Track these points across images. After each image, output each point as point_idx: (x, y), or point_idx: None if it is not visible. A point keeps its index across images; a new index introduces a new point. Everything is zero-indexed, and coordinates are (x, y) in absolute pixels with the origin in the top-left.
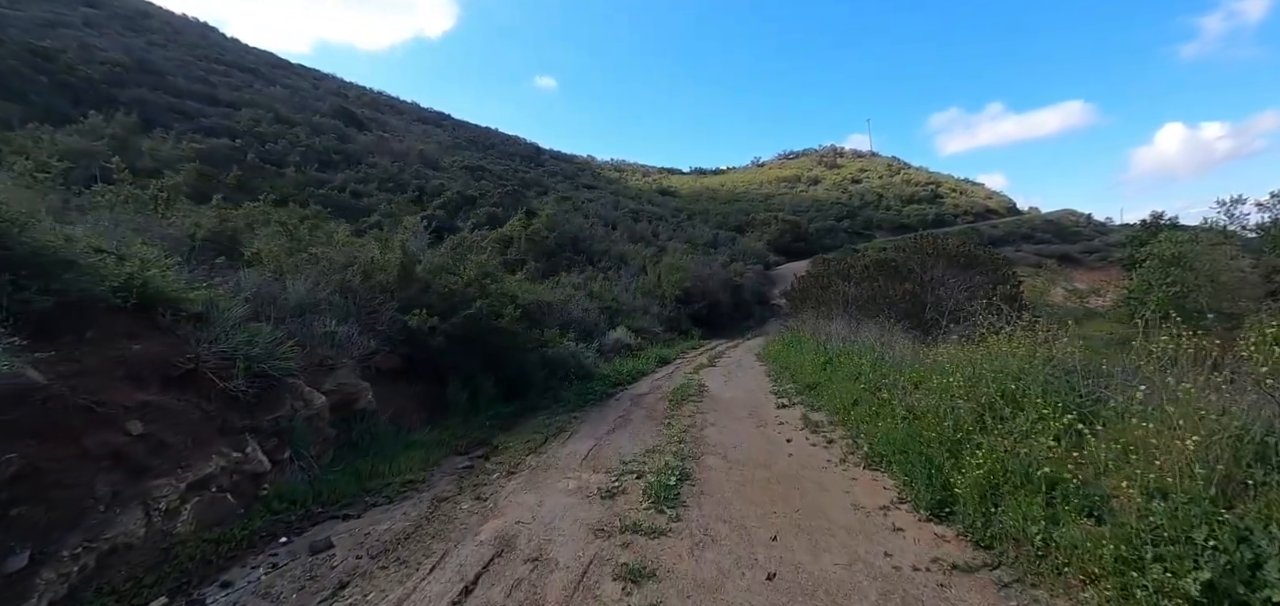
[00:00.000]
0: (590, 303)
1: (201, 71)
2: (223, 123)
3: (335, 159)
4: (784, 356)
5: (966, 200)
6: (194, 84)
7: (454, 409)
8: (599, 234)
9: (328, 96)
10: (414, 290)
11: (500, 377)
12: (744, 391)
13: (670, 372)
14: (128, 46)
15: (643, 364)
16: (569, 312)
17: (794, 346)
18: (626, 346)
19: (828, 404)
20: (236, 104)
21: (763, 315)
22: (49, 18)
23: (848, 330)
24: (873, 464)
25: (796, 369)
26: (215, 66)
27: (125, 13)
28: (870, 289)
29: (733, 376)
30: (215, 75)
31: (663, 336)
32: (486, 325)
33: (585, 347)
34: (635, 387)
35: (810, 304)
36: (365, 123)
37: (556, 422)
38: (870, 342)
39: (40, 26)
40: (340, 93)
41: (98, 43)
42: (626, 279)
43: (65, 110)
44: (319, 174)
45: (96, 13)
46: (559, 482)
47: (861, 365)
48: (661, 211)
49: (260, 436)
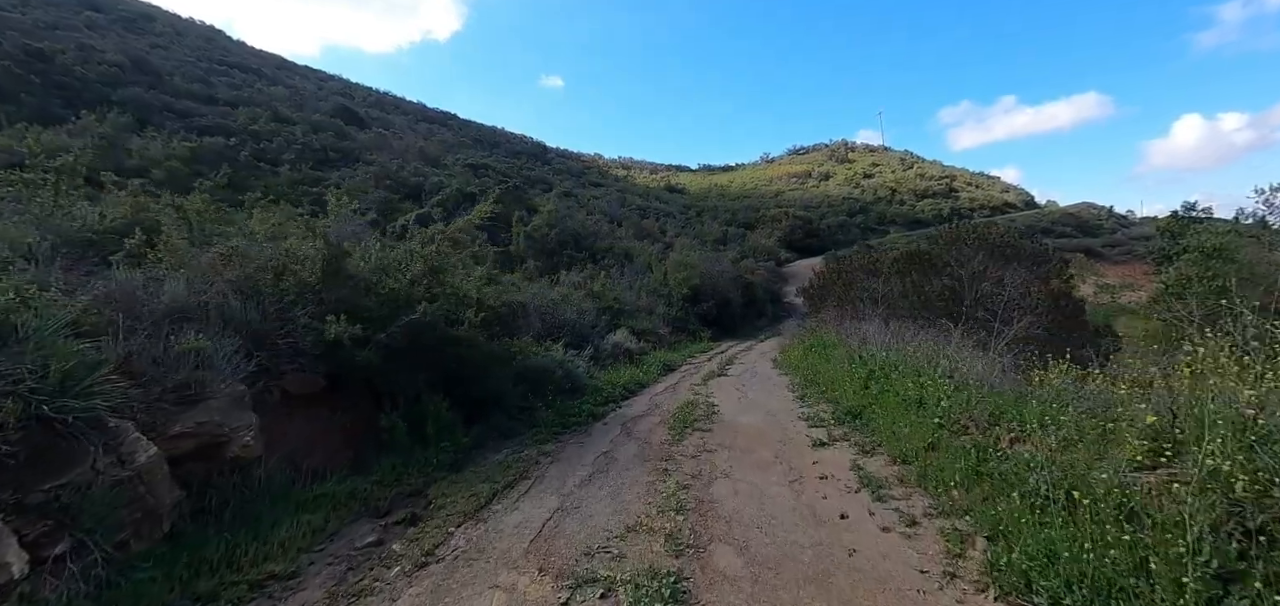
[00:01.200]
0: (590, 303)
1: (201, 71)
2: (219, 122)
3: (333, 157)
4: (808, 364)
5: (983, 194)
6: (191, 83)
7: (392, 443)
8: (603, 231)
9: (331, 96)
10: (346, 291)
11: (461, 398)
12: (764, 414)
13: (674, 384)
14: (129, 48)
15: (644, 372)
16: (560, 314)
17: (818, 352)
18: (627, 351)
19: (887, 443)
20: (234, 103)
21: (776, 314)
22: (51, 21)
23: (885, 333)
24: (1018, 592)
25: (828, 383)
26: (216, 67)
27: (129, 15)
28: (902, 285)
29: (748, 390)
30: (216, 75)
31: (669, 339)
32: (439, 334)
33: (576, 355)
34: (630, 405)
35: (832, 302)
36: (367, 121)
37: (520, 463)
38: (924, 352)
39: (41, 29)
40: (346, 93)
41: (97, 44)
42: (631, 277)
43: (58, 111)
44: (314, 172)
45: (99, 16)
46: (479, 598)
47: (925, 387)
48: (669, 208)
49: (24, 518)
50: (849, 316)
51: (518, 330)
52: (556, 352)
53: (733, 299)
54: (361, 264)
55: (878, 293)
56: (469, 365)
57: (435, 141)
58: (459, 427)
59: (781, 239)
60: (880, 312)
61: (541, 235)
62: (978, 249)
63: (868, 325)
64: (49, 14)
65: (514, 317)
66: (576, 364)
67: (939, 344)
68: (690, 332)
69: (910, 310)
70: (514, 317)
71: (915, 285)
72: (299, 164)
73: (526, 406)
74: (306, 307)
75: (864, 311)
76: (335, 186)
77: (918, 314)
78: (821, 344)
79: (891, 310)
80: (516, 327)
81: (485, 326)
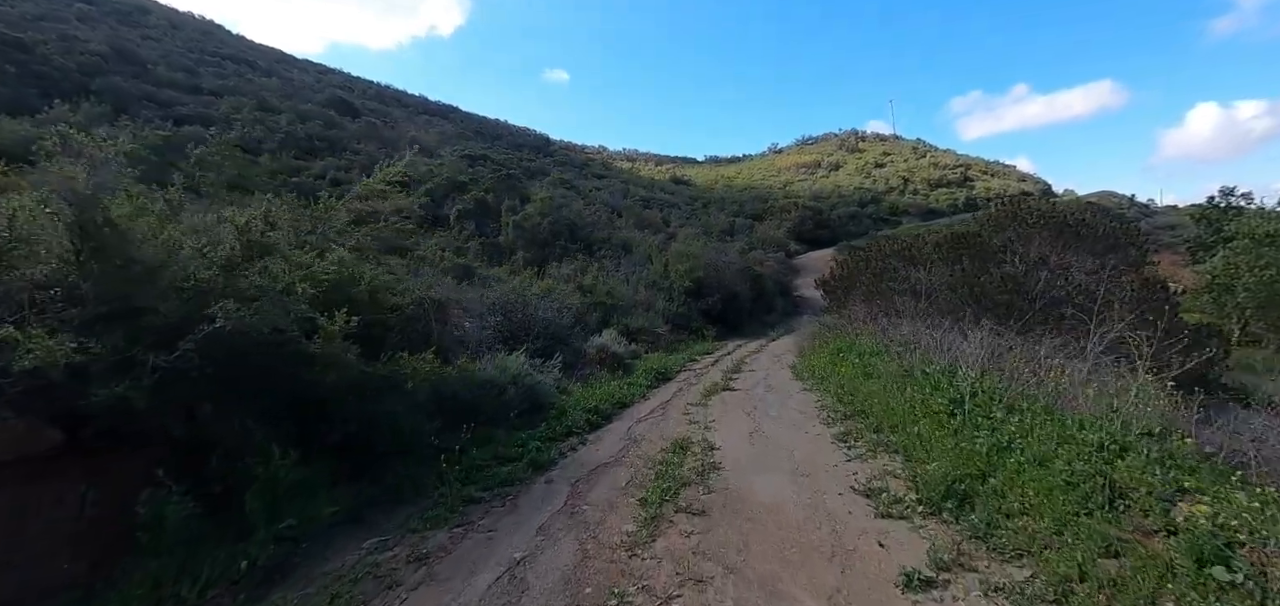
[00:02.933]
0: (579, 298)
1: (191, 62)
2: (201, 111)
3: (319, 146)
4: (840, 377)
5: (999, 183)
6: (176, 73)
7: (161, 541)
8: (601, 220)
9: (328, 88)
10: (115, 284)
11: (333, 445)
12: (792, 475)
13: (665, 403)
14: (116, 39)
15: (630, 385)
16: (531, 314)
17: (850, 360)
18: (615, 356)
19: (1042, 566)
20: (220, 92)
21: (786, 309)
22: (40, 12)
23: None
24: None
25: (881, 412)
26: (208, 58)
27: (123, 9)
28: (949, 275)
29: (764, 417)
30: (206, 65)
31: (667, 338)
32: (281, 351)
33: (543, 365)
34: (597, 443)
35: (859, 295)
36: (361, 111)
37: (367, 580)
38: (1015, 366)
39: (28, 21)
40: (346, 87)
41: (82, 35)
42: (628, 269)
43: (34, 101)
44: (297, 161)
45: (91, 8)
46: None
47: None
48: (674, 199)
49: None
50: (884, 313)
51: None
52: (512, 363)
53: (740, 292)
54: (152, 242)
55: (920, 284)
56: (336, 396)
57: (432, 133)
58: (322, 492)
59: (791, 230)
60: (923, 308)
61: (533, 225)
62: (1041, 229)
63: (907, 324)
64: (39, 6)
65: (427, 320)
66: (539, 377)
67: (1023, 351)
68: (693, 330)
69: (959, 305)
70: (427, 320)
71: (967, 275)
72: (280, 153)
73: (444, 448)
74: (45, 311)
75: (903, 307)
76: (318, 176)
77: (972, 310)
78: (854, 350)
79: (935, 304)
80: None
81: (371, 338)
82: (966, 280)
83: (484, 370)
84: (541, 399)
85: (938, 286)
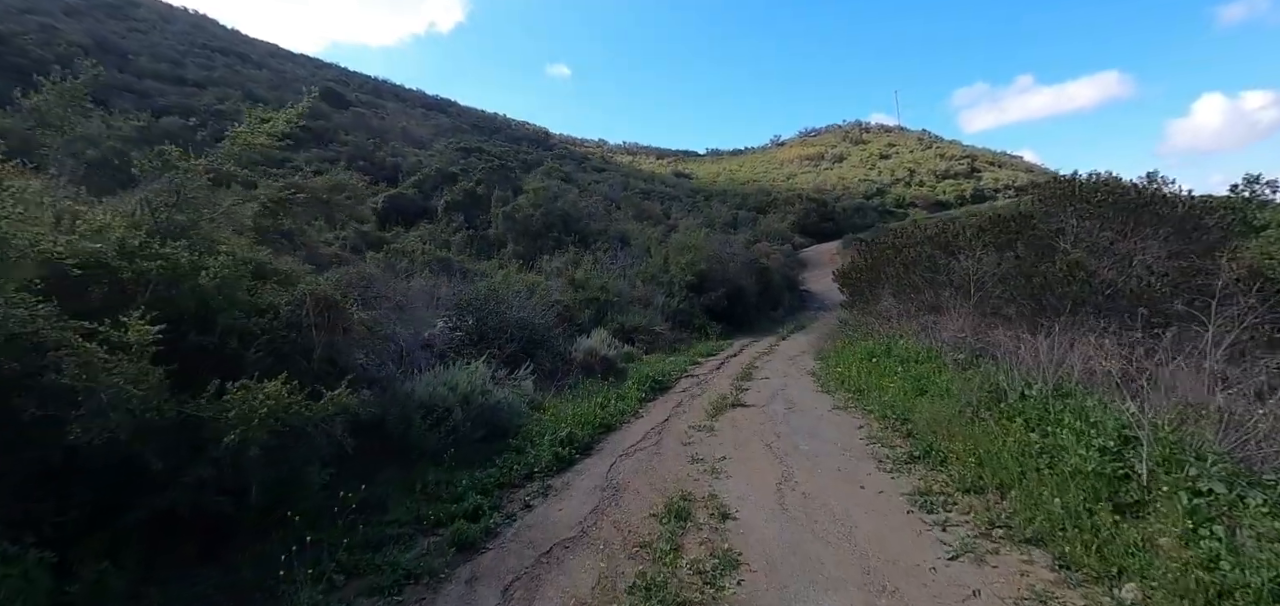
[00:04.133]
0: (572, 295)
1: (177, 54)
2: (182, 101)
3: (303, 137)
4: (880, 391)
5: (1007, 174)
6: (159, 64)
7: None
8: (598, 212)
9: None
10: None
11: (140, 524)
12: (862, 579)
13: (659, 427)
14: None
15: (618, 399)
16: (503, 314)
17: (886, 366)
18: (605, 360)
19: None
20: (205, 84)
21: (793, 303)
22: (23, 5)
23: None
24: None
25: (969, 454)
26: (196, 50)
27: (112, 1)
28: (1000, 264)
29: (794, 455)
30: (193, 57)
31: (668, 338)
32: None
33: (511, 377)
34: (560, 499)
35: (887, 288)
36: (351, 102)
37: None
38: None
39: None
40: (342, 81)
41: (63, 27)
42: (625, 262)
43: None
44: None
45: (78, 2)
46: None
47: None
48: (675, 192)
49: None
50: (922, 309)
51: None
52: (463, 379)
53: (746, 287)
54: None
55: (969, 275)
56: (127, 451)
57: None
58: None
59: (795, 223)
60: (974, 303)
61: (524, 216)
62: (1105, 211)
63: (952, 321)
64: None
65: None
66: (501, 395)
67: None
68: (695, 328)
69: (1011, 300)
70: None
71: (1023, 264)
72: None
73: (336, 507)
74: None
75: (947, 302)
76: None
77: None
78: (892, 354)
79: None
80: (344, 346)
81: (220, 355)
82: (1023, 270)
83: (426, 388)
84: (503, 422)
85: (987, 277)
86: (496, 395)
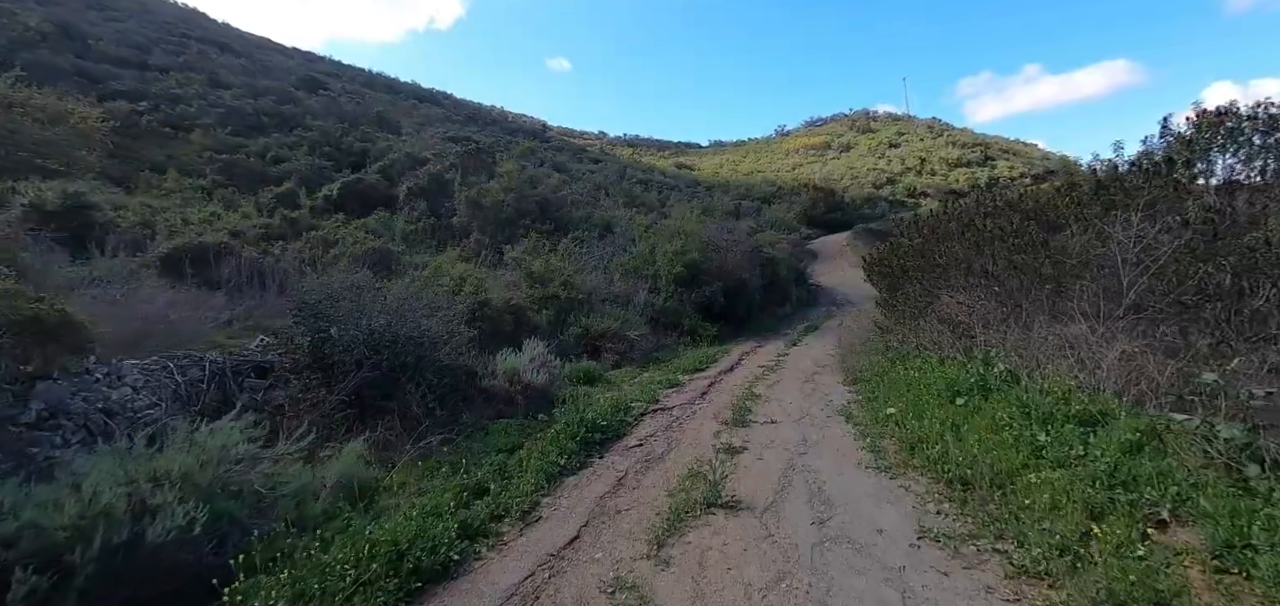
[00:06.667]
0: (526, 292)
1: (145, 41)
2: (136, 86)
3: (265, 122)
4: (1024, 490)
5: (1021, 161)
6: (124, 51)
7: None
8: (583, 198)
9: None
10: None
11: None
12: None
13: (562, 572)
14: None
15: (501, 484)
16: (366, 323)
17: (1006, 420)
18: (531, 390)
19: None
20: (168, 68)
21: (802, 298)
22: None
23: None
24: None
25: None
26: (171, 39)
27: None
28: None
29: None
30: (164, 45)
31: (648, 344)
32: None
33: (266, 449)
34: None
35: (943, 284)
36: (324, 85)
37: None
38: None
39: None
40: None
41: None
42: (605, 253)
43: None
44: (234, 138)
45: None
46: None
47: None
48: (675, 183)
49: None
50: (1003, 319)
51: None
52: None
53: (748, 280)
54: None
55: (1110, 260)
56: None
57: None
58: None
59: (802, 213)
60: (1128, 303)
61: (493, 202)
62: None
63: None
64: None
65: None
66: (288, 478)
67: None
68: (686, 331)
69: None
70: None
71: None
72: (215, 129)
73: None
74: None
75: (1082, 299)
76: (256, 155)
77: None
78: (1005, 396)
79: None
80: None
81: None
82: (1210, 254)
83: None
84: (199, 577)
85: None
86: (169, 520)
